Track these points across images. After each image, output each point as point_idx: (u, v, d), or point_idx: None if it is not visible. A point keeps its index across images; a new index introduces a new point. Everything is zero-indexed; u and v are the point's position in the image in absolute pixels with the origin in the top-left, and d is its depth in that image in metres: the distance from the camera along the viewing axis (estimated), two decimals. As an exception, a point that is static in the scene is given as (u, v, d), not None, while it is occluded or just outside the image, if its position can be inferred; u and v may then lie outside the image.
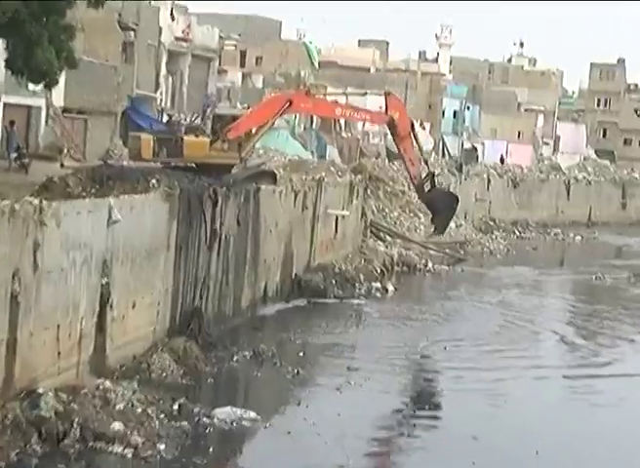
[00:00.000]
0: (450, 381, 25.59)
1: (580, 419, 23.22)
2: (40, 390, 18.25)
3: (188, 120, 33.81)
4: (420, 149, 34.77)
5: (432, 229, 35.57)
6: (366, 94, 46.58)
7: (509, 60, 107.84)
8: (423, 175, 34.02)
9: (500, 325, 33.63)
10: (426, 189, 34.08)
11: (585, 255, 58.12)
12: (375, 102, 67.63)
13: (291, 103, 30.33)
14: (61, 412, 18.10)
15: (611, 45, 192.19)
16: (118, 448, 17.88)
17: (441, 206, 34.17)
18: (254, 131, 30.32)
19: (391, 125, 33.18)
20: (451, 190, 34.91)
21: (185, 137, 28.89)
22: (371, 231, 46.86)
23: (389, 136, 69.83)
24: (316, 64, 74.42)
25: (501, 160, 78.39)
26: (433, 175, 34.67)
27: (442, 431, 21.43)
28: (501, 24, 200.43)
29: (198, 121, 30.75)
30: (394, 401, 23.90)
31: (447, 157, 73.71)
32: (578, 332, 33.56)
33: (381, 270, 41.12)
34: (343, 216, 40.48)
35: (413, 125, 33.98)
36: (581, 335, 32.97)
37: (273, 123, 31.31)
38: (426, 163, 35.02)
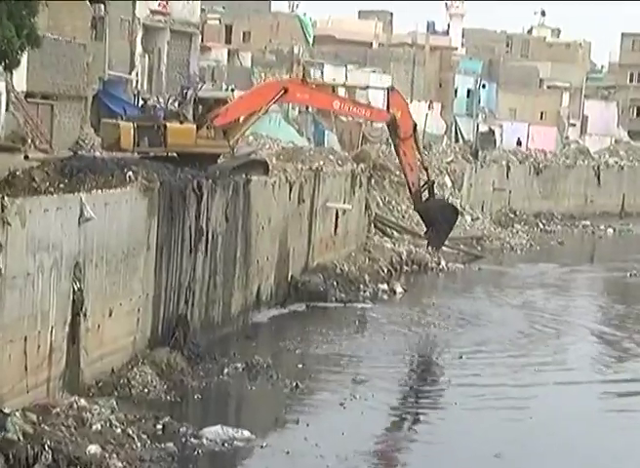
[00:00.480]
0: (466, 394, 25.66)
1: (610, 435, 23.28)
2: (6, 410, 18.31)
3: (164, 104, 33.86)
4: (420, 154, 35.39)
5: (426, 243, 35.78)
6: (368, 87, 46.97)
7: (529, 32, 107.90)
8: (422, 183, 34.64)
9: (523, 331, 33.73)
10: (423, 198, 34.63)
11: (618, 250, 58.24)
12: (378, 82, 67.82)
13: (286, 91, 30.88)
14: (31, 435, 18.15)
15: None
16: (95, 474, 17.95)
17: (438, 218, 34.72)
18: (242, 119, 30.53)
19: (392, 125, 33.54)
20: (450, 202, 35.31)
21: (169, 124, 28.98)
22: (376, 226, 46.96)
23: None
24: (311, 40, 74.50)
25: (519, 143, 78.38)
26: (432, 184, 35.30)
27: (460, 450, 21.49)
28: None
29: (176, 105, 30.77)
30: (404, 417, 24.00)
31: (460, 142, 73.77)
32: (610, 338, 33.65)
33: (388, 270, 41.24)
34: (345, 211, 40.57)
35: (415, 127, 34.32)
36: (614, 341, 33.06)
37: (266, 111, 31.84)
38: (426, 170, 35.63)
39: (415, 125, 34.52)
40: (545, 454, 21.35)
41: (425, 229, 35.77)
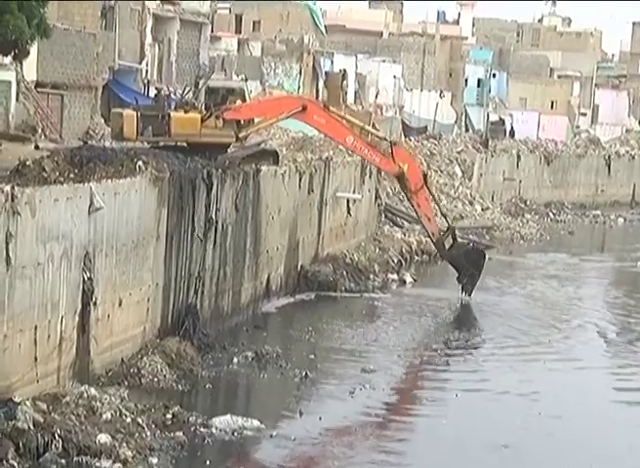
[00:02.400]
0: (475, 385, 25.65)
1: (622, 427, 23.24)
2: (16, 399, 18.38)
3: (179, 94, 33.84)
4: (436, 202, 35.09)
5: (460, 291, 35.39)
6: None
7: (540, 21, 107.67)
8: (446, 231, 34.62)
9: (533, 320, 33.65)
10: (447, 245, 34.55)
11: (629, 240, 58.07)
12: (388, 71, 67.77)
13: (304, 109, 30.70)
14: (41, 424, 18.22)
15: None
16: (105, 463, 17.99)
17: (464, 264, 34.56)
18: (256, 120, 30.66)
19: (401, 178, 33.38)
20: (474, 245, 35.07)
21: (173, 114, 28.98)
22: (386, 216, 46.92)
23: (405, 109, 70.26)
24: (322, 29, 74.39)
25: (512, 134, 76.70)
26: (454, 230, 35.18)
27: (468, 440, 21.49)
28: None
29: (190, 95, 30.75)
30: (414, 406, 24.01)
31: (471, 131, 73.67)
32: (620, 329, 33.52)
33: (398, 260, 41.21)
34: (355, 200, 40.54)
35: (426, 176, 34.22)
36: (624, 332, 32.93)
37: (277, 121, 31.93)
38: (444, 216, 35.51)
39: (425, 175, 34.30)
40: (554, 445, 21.33)
41: (457, 276, 35.30)
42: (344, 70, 61.70)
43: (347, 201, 39.96)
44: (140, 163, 24.51)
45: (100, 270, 21.62)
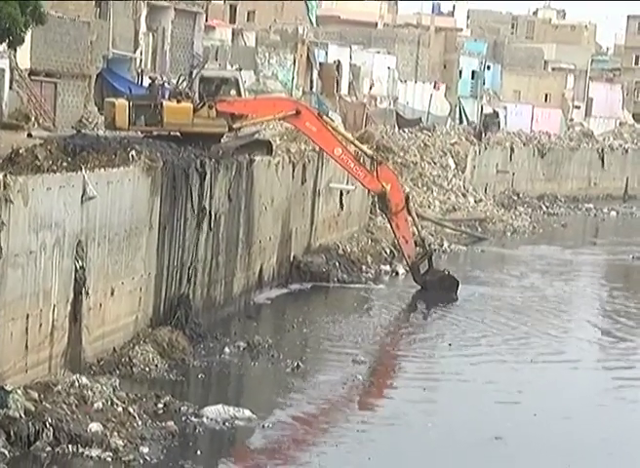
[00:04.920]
0: (466, 377, 25.66)
1: (612, 421, 23.31)
2: (8, 387, 18.37)
3: (173, 83, 33.79)
4: (416, 224, 35.12)
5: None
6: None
7: (535, 13, 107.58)
8: (423, 255, 34.72)
9: (524, 313, 33.68)
10: (422, 269, 34.60)
11: (622, 233, 58.16)
12: (383, 62, 67.72)
13: (297, 114, 30.92)
14: (32, 412, 18.24)
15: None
16: (96, 452, 18.03)
17: (437, 289, 34.41)
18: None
19: (382, 198, 33.38)
20: (450, 273, 35.00)
21: (165, 103, 28.94)
22: (378, 207, 46.86)
23: (400, 101, 70.17)
24: (313, 20, 74.23)
25: (481, 134, 72.65)
26: (431, 256, 35.21)
27: (459, 432, 21.52)
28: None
29: (184, 84, 30.70)
30: (404, 396, 24.03)
31: (465, 123, 73.62)
32: (611, 323, 33.52)
33: (391, 251, 41.21)
34: (348, 191, 40.55)
35: (407, 198, 34.22)
36: (616, 326, 32.89)
37: (270, 119, 32.38)
38: (423, 240, 35.62)
39: (407, 197, 34.36)
40: (546, 438, 21.40)
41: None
42: (339, 61, 61.74)
43: (340, 192, 39.96)
44: (133, 152, 24.49)
45: (92, 259, 21.60)
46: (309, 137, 32.58)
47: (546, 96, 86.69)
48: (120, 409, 19.67)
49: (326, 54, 62.55)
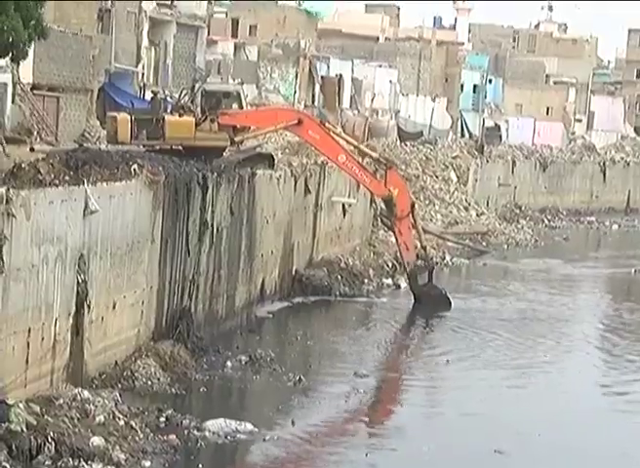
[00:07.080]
0: (467, 390, 25.64)
1: (613, 432, 23.29)
2: (10, 401, 18.37)
3: (176, 97, 33.89)
4: (419, 233, 35.01)
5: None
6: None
7: (536, 27, 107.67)
8: (423, 267, 34.80)
9: (526, 327, 33.62)
10: (421, 281, 34.53)
11: (624, 246, 58.17)
12: (384, 76, 67.83)
13: (299, 123, 30.96)
14: (34, 426, 18.22)
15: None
16: (98, 466, 17.99)
17: (430, 304, 34.31)
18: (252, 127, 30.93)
19: (389, 202, 33.38)
20: (446, 293, 35.01)
21: (167, 117, 29.01)
22: (381, 221, 46.80)
23: (401, 114, 70.24)
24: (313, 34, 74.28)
25: (482, 147, 70.56)
26: (432, 270, 35.19)
27: (459, 445, 21.50)
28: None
29: (186, 98, 30.80)
30: (406, 410, 24.02)
31: (466, 137, 73.70)
32: (613, 335, 33.42)
33: (393, 264, 41.20)
34: (350, 205, 40.59)
35: (413, 205, 34.21)
36: (617, 339, 32.83)
37: (273, 131, 32.51)
38: (424, 249, 35.40)
39: (413, 204, 34.32)
40: (546, 450, 21.37)
41: (414, 302, 35.03)
42: (340, 75, 61.82)
43: (342, 205, 39.99)
44: (135, 166, 24.53)
45: (94, 273, 21.62)
46: (313, 146, 32.66)
47: (548, 109, 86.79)
48: (122, 422, 19.67)
49: (328, 67, 62.66)
